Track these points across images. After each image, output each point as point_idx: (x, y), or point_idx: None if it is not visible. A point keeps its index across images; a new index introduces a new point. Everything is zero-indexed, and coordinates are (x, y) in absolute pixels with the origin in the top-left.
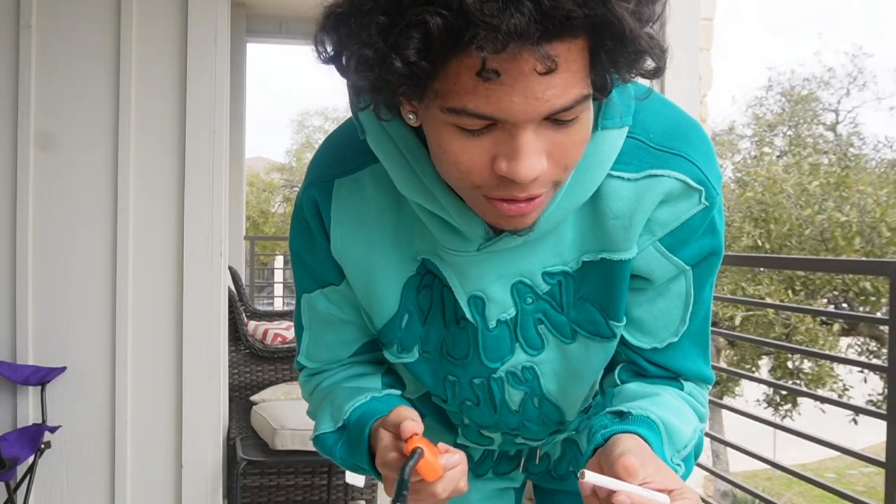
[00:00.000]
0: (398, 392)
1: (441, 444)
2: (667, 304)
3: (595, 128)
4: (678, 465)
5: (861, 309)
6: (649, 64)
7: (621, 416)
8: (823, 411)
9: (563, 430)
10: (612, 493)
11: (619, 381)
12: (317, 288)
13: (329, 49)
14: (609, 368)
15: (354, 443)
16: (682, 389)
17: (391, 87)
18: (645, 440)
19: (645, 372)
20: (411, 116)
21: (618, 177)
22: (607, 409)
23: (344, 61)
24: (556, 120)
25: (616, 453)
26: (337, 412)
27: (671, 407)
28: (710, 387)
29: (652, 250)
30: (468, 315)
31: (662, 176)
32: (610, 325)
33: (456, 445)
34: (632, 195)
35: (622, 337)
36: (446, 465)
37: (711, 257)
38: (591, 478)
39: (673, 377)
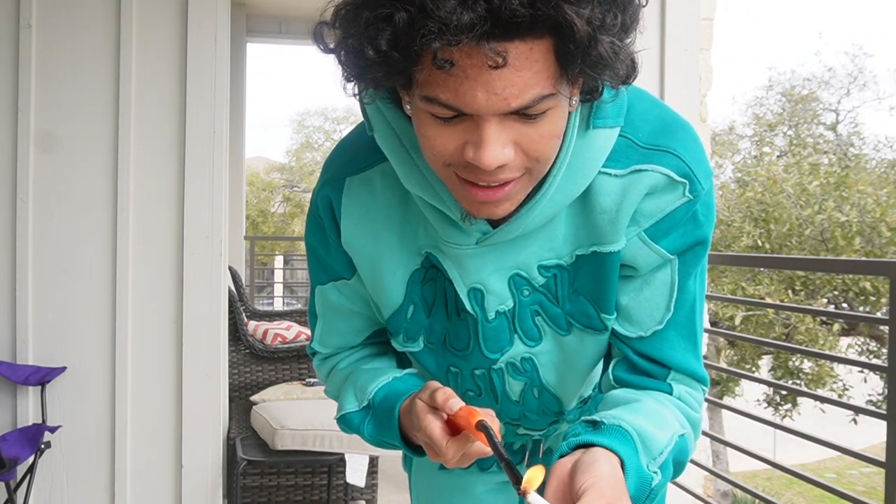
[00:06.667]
0: (414, 371)
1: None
2: (652, 291)
3: (587, 127)
4: (654, 472)
5: (861, 309)
6: (619, 72)
7: (595, 425)
8: (823, 411)
9: (562, 419)
10: None
11: (612, 379)
12: (330, 281)
13: (328, 42)
14: (606, 365)
15: (383, 421)
16: (671, 393)
17: (366, 73)
18: (616, 452)
19: (634, 366)
20: (408, 108)
21: (606, 173)
22: (582, 419)
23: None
24: (522, 114)
25: (580, 484)
26: (361, 393)
27: (649, 412)
28: (705, 389)
29: (637, 240)
30: (468, 306)
31: (647, 171)
32: (602, 318)
33: None
34: (618, 190)
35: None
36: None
37: (697, 247)
38: (533, 499)
39: (662, 376)
